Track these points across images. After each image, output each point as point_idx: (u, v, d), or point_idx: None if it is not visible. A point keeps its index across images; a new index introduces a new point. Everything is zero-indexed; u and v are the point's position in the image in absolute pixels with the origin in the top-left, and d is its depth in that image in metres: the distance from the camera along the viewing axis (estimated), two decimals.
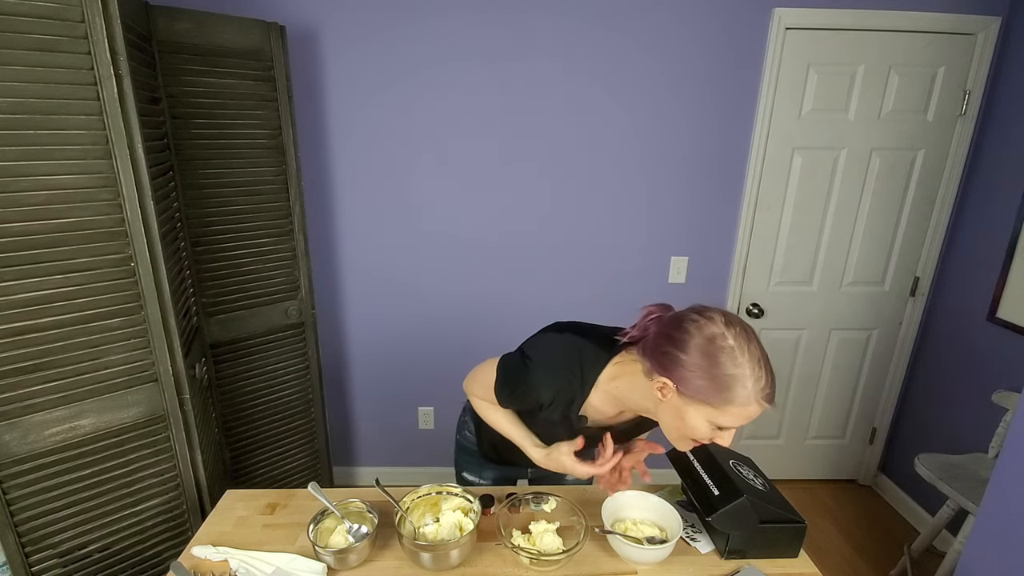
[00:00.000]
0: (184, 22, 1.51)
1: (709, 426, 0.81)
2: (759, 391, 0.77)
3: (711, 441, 0.85)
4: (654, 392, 0.85)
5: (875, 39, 2.01)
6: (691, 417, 0.82)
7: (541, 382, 0.94)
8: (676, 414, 0.84)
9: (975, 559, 1.33)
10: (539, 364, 0.95)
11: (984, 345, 2.04)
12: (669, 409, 0.85)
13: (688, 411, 0.82)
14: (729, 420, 0.79)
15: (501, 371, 1.01)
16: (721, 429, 0.82)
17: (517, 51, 2.00)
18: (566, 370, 0.94)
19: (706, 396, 0.78)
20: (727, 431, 0.83)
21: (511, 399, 1.00)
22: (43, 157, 1.14)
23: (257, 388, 1.90)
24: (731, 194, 2.20)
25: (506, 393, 1.00)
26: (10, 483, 1.23)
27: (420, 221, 2.19)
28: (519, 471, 1.33)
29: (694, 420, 0.82)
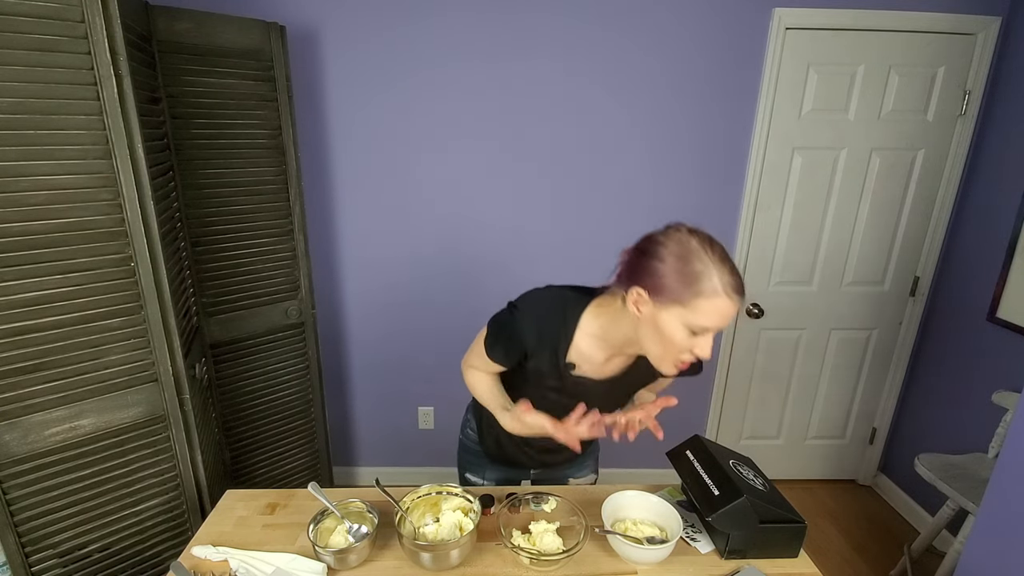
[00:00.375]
0: (184, 22, 1.51)
1: (685, 331, 0.83)
2: (726, 283, 0.80)
3: (693, 355, 0.87)
4: (632, 314, 0.88)
5: (875, 39, 2.01)
6: (667, 325, 0.84)
7: (525, 326, 0.98)
8: (654, 327, 0.86)
9: (975, 559, 1.33)
10: (524, 311, 1.00)
11: (984, 345, 2.04)
12: (647, 325, 0.87)
13: (663, 318, 0.84)
14: (702, 318, 0.81)
15: (490, 326, 1.05)
16: (697, 336, 0.84)
17: (517, 51, 2.01)
18: (549, 312, 0.99)
19: (677, 295, 0.81)
20: (704, 338, 0.84)
21: (499, 349, 1.02)
22: (43, 157, 1.14)
23: (257, 388, 1.90)
24: (731, 194, 2.20)
25: (494, 344, 1.02)
26: (10, 483, 1.23)
27: (420, 221, 2.19)
28: (522, 472, 1.33)
29: (670, 327, 0.84)
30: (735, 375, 2.45)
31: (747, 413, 2.53)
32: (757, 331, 2.38)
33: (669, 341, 0.85)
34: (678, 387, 2.54)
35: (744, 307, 2.34)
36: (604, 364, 1.02)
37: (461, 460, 1.36)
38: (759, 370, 2.45)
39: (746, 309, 2.34)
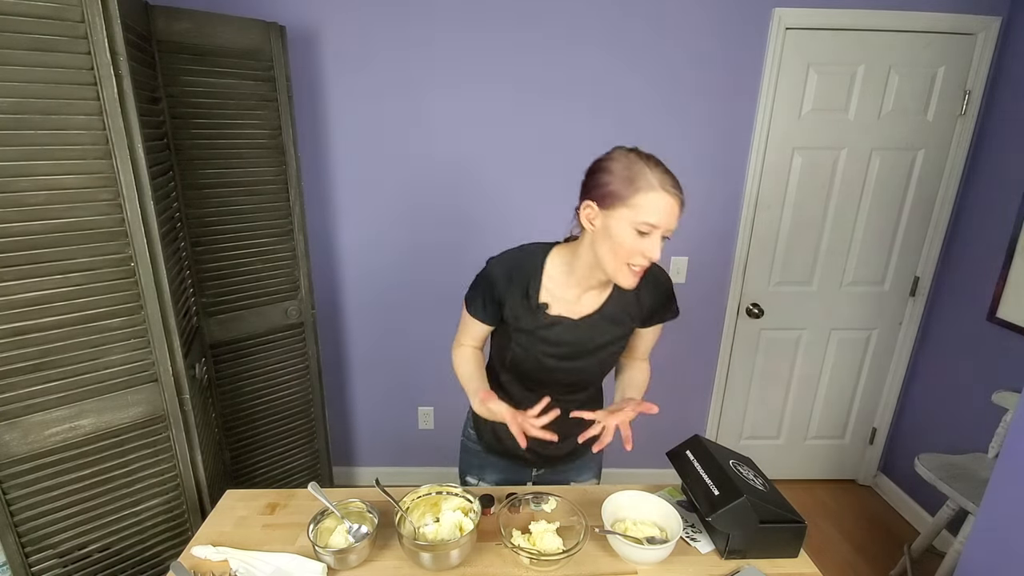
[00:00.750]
0: (184, 22, 1.51)
1: (632, 232, 0.90)
2: (661, 179, 0.89)
3: (644, 257, 0.92)
4: (588, 231, 0.97)
5: (875, 39, 2.01)
6: (615, 229, 0.91)
7: (496, 272, 1.07)
8: (605, 235, 0.93)
9: (975, 559, 1.33)
10: (495, 262, 1.10)
11: (984, 345, 2.04)
12: (600, 237, 0.95)
13: (612, 224, 0.92)
14: (643, 213, 0.88)
15: (470, 287, 1.13)
16: (644, 236, 0.90)
17: (517, 51, 2.01)
18: (517, 258, 1.08)
19: (620, 196, 0.90)
20: (651, 238, 0.90)
21: (477, 302, 1.10)
22: (43, 157, 1.14)
23: (257, 388, 1.90)
24: (731, 194, 2.20)
25: (473, 297, 1.11)
26: (10, 483, 1.23)
27: (420, 221, 2.19)
28: (523, 473, 1.31)
29: (618, 230, 0.91)
30: (735, 375, 2.45)
31: (747, 413, 2.53)
32: (757, 331, 2.38)
33: (620, 246, 0.92)
34: (678, 387, 2.55)
35: (745, 308, 2.34)
36: (577, 302, 1.07)
37: (462, 463, 1.36)
38: (759, 370, 2.45)
39: (746, 309, 2.34)
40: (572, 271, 1.05)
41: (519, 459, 1.27)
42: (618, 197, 0.90)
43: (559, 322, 1.07)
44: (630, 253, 0.92)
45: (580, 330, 1.08)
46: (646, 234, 0.90)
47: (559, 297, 1.06)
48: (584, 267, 1.02)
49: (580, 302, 1.07)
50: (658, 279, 1.11)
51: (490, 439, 1.28)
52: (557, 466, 1.31)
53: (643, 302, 1.11)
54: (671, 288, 1.13)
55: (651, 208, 0.88)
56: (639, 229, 0.90)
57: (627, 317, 1.11)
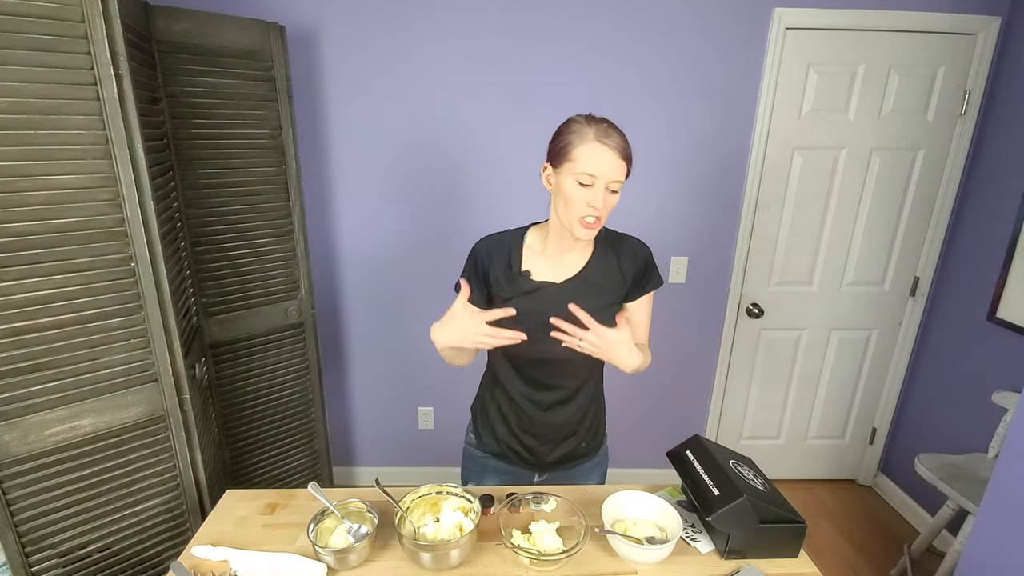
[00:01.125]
0: (184, 22, 1.51)
1: (576, 183, 0.98)
2: (599, 134, 0.97)
3: (590, 207, 0.98)
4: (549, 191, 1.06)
5: (875, 39, 2.01)
6: (563, 183, 1.00)
7: (479, 244, 1.15)
8: (558, 192, 1.02)
9: (975, 559, 1.33)
10: (478, 243, 1.16)
11: (984, 345, 2.04)
12: (555, 194, 1.04)
13: (560, 181, 1.01)
14: (582, 164, 0.96)
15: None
16: (586, 187, 0.97)
17: (516, 50, 2.01)
18: (497, 235, 1.16)
19: (564, 153, 0.99)
20: (595, 189, 0.97)
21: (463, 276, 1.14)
22: (43, 157, 1.14)
23: (257, 388, 1.90)
24: (731, 194, 2.20)
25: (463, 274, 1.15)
26: (10, 483, 1.23)
27: (421, 222, 2.19)
28: (525, 478, 1.29)
29: (566, 185, 0.99)
30: (735, 375, 2.45)
31: (747, 413, 2.53)
32: (757, 331, 2.38)
33: (569, 199, 0.99)
34: (678, 387, 2.55)
35: (745, 308, 2.34)
36: (557, 265, 1.12)
37: (463, 470, 1.35)
38: (759, 370, 2.45)
39: (746, 309, 2.34)
40: (547, 237, 1.12)
41: (518, 458, 1.26)
42: (563, 154, 0.99)
43: (542, 286, 1.10)
44: (578, 205, 0.99)
45: (564, 294, 1.09)
46: (589, 185, 0.97)
47: (540, 264, 1.12)
48: (555, 230, 1.09)
49: (560, 266, 1.12)
50: (635, 247, 1.16)
51: (491, 444, 1.27)
52: (559, 471, 1.28)
53: (624, 268, 1.14)
54: (650, 255, 1.18)
55: (587, 159, 0.96)
56: (580, 180, 0.97)
57: (611, 284, 1.13)
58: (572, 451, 1.25)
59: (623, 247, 1.15)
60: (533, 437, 1.22)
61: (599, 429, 1.31)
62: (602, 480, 1.36)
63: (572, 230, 1.03)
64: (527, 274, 1.11)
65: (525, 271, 1.11)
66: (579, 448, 1.26)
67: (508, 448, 1.25)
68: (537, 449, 1.23)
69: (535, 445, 1.22)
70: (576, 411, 1.21)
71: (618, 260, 1.14)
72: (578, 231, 1.02)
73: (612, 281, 1.13)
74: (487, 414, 1.26)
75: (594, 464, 1.32)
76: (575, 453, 1.26)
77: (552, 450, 1.23)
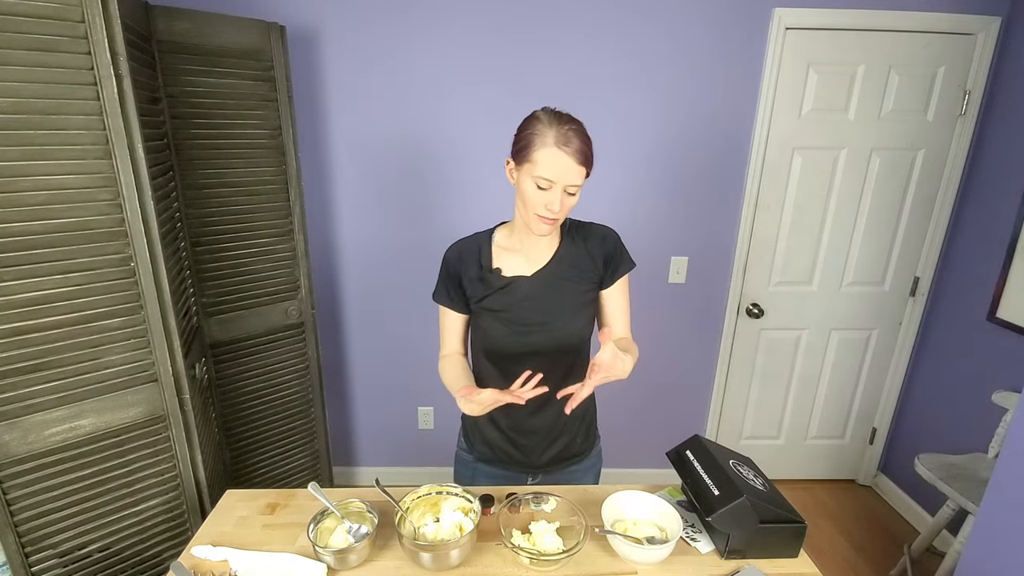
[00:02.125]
0: (184, 22, 1.51)
1: (534, 185, 0.98)
2: (555, 137, 0.95)
3: (547, 210, 0.98)
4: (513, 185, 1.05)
5: (875, 39, 2.01)
6: (523, 184, 1.00)
7: (449, 251, 1.18)
8: (519, 191, 1.03)
9: (975, 559, 1.33)
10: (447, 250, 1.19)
11: (984, 345, 2.04)
12: (517, 190, 1.04)
13: (520, 180, 1.01)
14: (540, 168, 0.96)
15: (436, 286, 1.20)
16: (544, 191, 0.97)
17: (517, 50, 2.01)
18: (465, 240, 1.18)
19: (524, 154, 0.98)
20: (552, 192, 0.97)
21: (441, 290, 1.18)
22: (43, 157, 1.14)
23: (257, 388, 1.90)
24: (731, 194, 2.20)
25: (436, 287, 1.19)
26: (10, 483, 1.23)
27: (421, 221, 2.19)
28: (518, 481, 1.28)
29: (525, 185, 1.00)
30: (735, 375, 2.45)
31: (747, 413, 2.53)
32: (757, 331, 2.38)
33: (527, 198, 1.00)
34: (678, 387, 2.55)
35: (745, 308, 2.34)
36: (527, 259, 1.13)
37: (455, 474, 1.34)
38: (759, 370, 2.45)
39: (746, 309, 2.34)
40: (513, 232, 1.14)
41: (512, 461, 1.26)
42: (524, 154, 0.98)
43: (515, 281, 1.12)
44: (536, 205, 1.00)
45: (538, 285, 1.11)
46: (546, 189, 0.97)
47: (509, 260, 1.13)
48: (520, 222, 1.10)
49: (529, 259, 1.13)
50: (602, 232, 1.17)
51: (483, 449, 1.26)
52: (553, 472, 1.27)
53: (594, 254, 1.14)
54: (618, 238, 1.18)
55: (545, 164, 0.96)
56: (538, 184, 0.97)
57: (583, 272, 1.13)
58: (566, 449, 1.24)
59: (590, 233, 1.16)
60: (525, 437, 1.21)
61: (591, 426, 1.30)
62: (596, 478, 1.35)
63: (530, 226, 1.05)
64: (498, 271, 1.12)
65: (496, 268, 1.13)
66: (573, 445, 1.25)
67: (501, 452, 1.24)
68: (531, 449, 1.22)
69: (529, 445, 1.22)
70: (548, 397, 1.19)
71: (586, 246, 1.14)
72: (535, 227, 1.04)
73: (583, 268, 1.14)
74: (476, 420, 1.25)
75: (587, 467, 1.30)
76: (569, 451, 1.25)
77: (546, 449, 1.23)
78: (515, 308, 1.11)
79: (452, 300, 1.17)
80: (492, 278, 1.12)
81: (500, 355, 1.15)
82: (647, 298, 2.32)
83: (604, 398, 1.34)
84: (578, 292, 1.13)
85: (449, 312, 1.18)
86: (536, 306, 1.11)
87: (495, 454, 1.25)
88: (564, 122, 0.97)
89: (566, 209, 1.01)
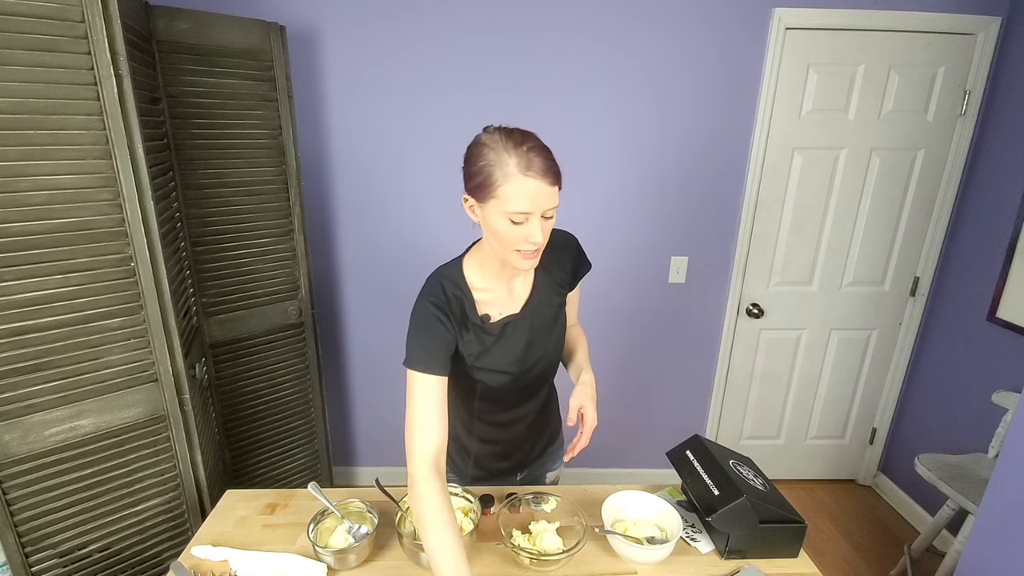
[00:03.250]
0: (184, 22, 1.51)
1: (507, 221, 0.86)
2: (519, 165, 0.83)
3: (528, 243, 0.88)
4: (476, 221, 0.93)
5: (875, 39, 2.01)
6: (492, 219, 0.88)
7: (421, 307, 0.98)
8: (487, 226, 0.91)
9: (975, 559, 1.33)
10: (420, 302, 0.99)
11: (984, 345, 2.04)
12: (484, 227, 0.92)
13: (488, 216, 0.88)
14: (511, 203, 0.84)
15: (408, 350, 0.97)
16: (519, 225, 0.86)
17: (517, 52, 2.00)
18: (436, 284, 1.01)
19: (486, 187, 0.85)
20: (529, 225, 0.86)
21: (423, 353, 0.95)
22: (43, 157, 1.14)
23: (257, 388, 1.90)
24: (731, 194, 2.20)
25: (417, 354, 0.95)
26: (10, 483, 1.23)
27: (421, 221, 2.19)
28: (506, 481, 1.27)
29: (494, 221, 0.88)
30: (735, 375, 2.45)
31: (747, 413, 2.53)
32: (757, 331, 2.38)
33: (503, 237, 0.88)
34: (678, 387, 2.55)
35: (745, 308, 2.34)
36: (510, 296, 1.04)
37: None
38: (759, 370, 2.45)
39: (746, 309, 2.34)
40: (487, 270, 1.01)
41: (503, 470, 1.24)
42: (486, 190, 0.86)
43: (507, 323, 1.03)
44: (514, 241, 0.88)
45: (528, 319, 1.04)
46: (521, 223, 0.86)
47: (493, 303, 1.02)
48: (494, 259, 0.99)
49: (513, 294, 1.04)
50: (565, 238, 1.12)
51: (473, 471, 1.23)
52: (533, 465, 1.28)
53: (563, 261, 1.10)
54: (577, 242, 1.14)
55: (516, 196, 0.84)
56: (512, 219, 0.86)
57: (558, 283, 1.10)
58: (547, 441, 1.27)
59: (554, 242, 1.06)
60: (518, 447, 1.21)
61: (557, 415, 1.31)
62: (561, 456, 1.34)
63: (512, 264, 0.93)
64: (487, 318, 1.01)
65: (484, 315, 1.01)
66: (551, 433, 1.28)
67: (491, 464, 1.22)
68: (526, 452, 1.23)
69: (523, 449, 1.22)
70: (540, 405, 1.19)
71: (556, 255, 1.08)
72: (519, 264, 0.92)
73: (559, 278, 1.10)
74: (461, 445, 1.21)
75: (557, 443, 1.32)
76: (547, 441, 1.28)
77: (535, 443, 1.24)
78: (513, 351, 1.03)
79: (441, 363, 0.95)
80: (485, 328, 1.01)
81: (495, 395, 1.09)
82: (647, 298, 2.32)
83: (605, 398, 1.34)
84: (558, 307, 1.10)
85: (431, 379, 0.93)
86: (528, 344, 1.05)
87: (487, 468, 1.23)
88: (518, 142, 0.85)
89: (546, 234, 0.90)
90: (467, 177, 0.90)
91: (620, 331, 2.35)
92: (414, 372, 0.94)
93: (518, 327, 1.04)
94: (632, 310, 2.34)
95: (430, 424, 0.92)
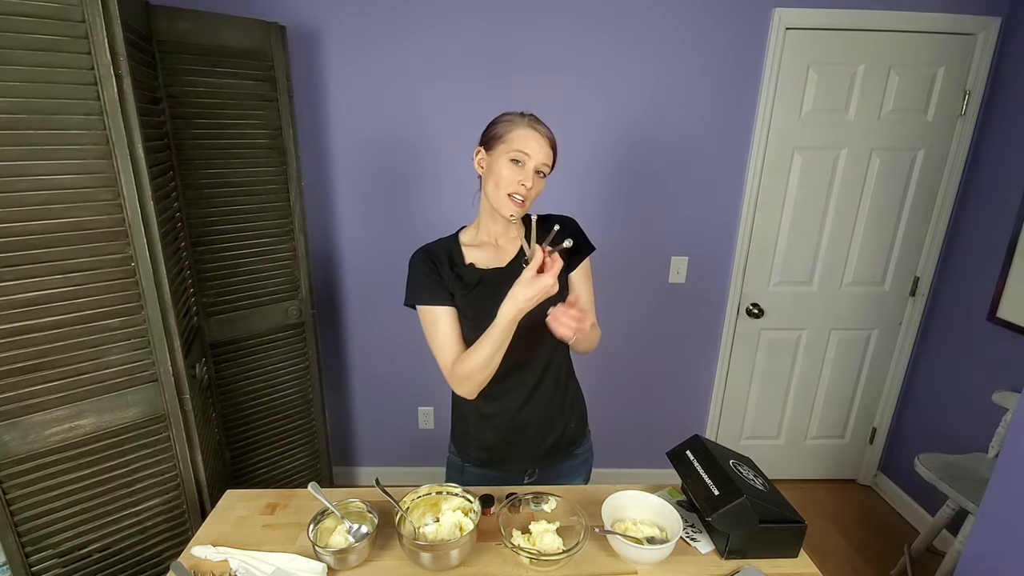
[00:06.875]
0: (184, 22, 1.51)
1: (508, 161, 1.05)
2: (531, 122, 1.08)
3: (520, 185, 1.05)
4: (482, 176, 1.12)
5: (875, 39, 2.01)
6: (496, 164, 1.07)
7: (418, 252, 1.17)
8: (490, 173, 1.09)
9: (975, 559, 1.33)
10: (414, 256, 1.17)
11: (984, 345, 2.04)
12: (487, 175, 1.10)
13: (493, 161, 1.08)
14: (517, 143, 1.05)
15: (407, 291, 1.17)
16: (519, 164, 1.05)
17: (517, 53, 2.01)
18: (431, 244, 1.19)
19: (499, 136, 1.08)
20: (526, 168, 1.05)
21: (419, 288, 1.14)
22: (43, 157, 1.14)
23: (257, 388, 1.90)
24: (731, 194, 2.20)
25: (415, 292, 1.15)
26: (10, 483, 1.23)
27: (421, 221, 2.19)
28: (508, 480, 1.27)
29: (499, 164, 1.06)
30: (735, 375, 2.45)
31: (747, 413, 2.53)
32: (757, 331, 2.38)
33: (501, 177, 1.06)
34: (678, 387, 2.54)
35: (745, 308, 2.34)
36: (496, 251, 1.17)
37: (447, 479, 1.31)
38: (759, 370, 2.45)
39: (746, 309, 2.34)
40: (479, 229, 1.19)
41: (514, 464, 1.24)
42: (498, 138, 1.08)
43: (494, 274, 1.14)
44: (509, 183, 1.05)
45: (512, 275, 1.04)
46: (520, 163, 1.05)
47: (479, 256, 1.16)
48: (486, 216, 1.16)
49: (499, 252, 1.17)
50: (563, 218, 1.21)
51: (479, 455, 1.24)
52: (546, 470, 1.27)
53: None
54: (577, 225, 1.24)
55: (521, 139, 1.05)
56: (513, 157, 1.05)
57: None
58: (562, 436, 1.25)
59: (550, 220, 1.15)
60: (521, 431, 1.21)
61: (584, 415, 1.32)
62: (587, 479, 1.35)
63: (500, 208, 1.09)
64: (472, 266, 1.14)
65: (469, 264, 1.15)
66: (568, 432, 1.26)
67: (500, 452, 1.23)
68: (529, 441, 1.22)
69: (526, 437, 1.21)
70: (554, 389, 1.21)
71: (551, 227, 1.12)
72: (505, 208, 1.08)
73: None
74: (468, 427, 1.23)
75: (580, 462, 1.31)
76: (566, 438, 1.26)
77: (544, 438, 1.23)
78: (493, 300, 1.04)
79: (437, 294, 1.11)
80: (468, 273, 1.13)
81: None
82: (647, 298, 2.32)
83: (605, 398, 1.35)
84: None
85: (438, 310, 1.12)
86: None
87: (493, 456, 1.24)
88: (531, 119, 1.10)
89: (535, 192, 1.07)
90: (484, 134, 1.12)
91: (620, 331, 2.35)
92: (418, 308, 1.15)
93: (501, 280, 1.08)
94: (632, 310, 2.34)
95: (445, 344, 1.13)
